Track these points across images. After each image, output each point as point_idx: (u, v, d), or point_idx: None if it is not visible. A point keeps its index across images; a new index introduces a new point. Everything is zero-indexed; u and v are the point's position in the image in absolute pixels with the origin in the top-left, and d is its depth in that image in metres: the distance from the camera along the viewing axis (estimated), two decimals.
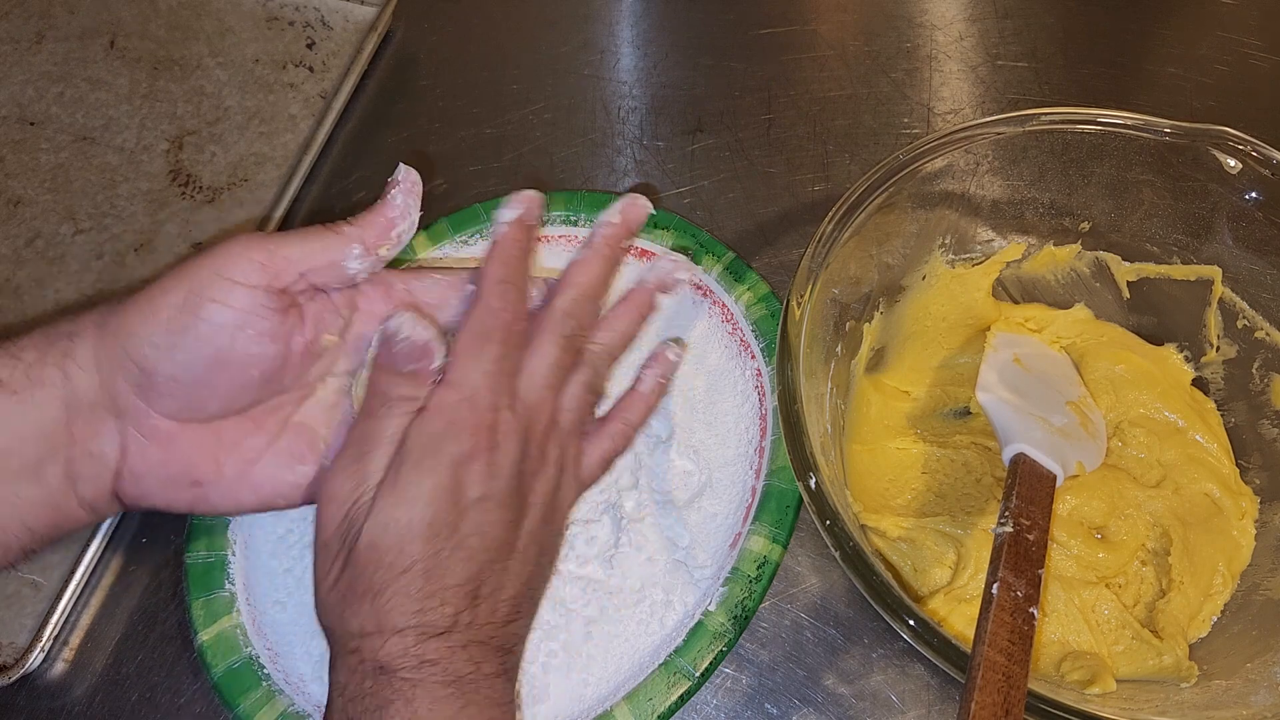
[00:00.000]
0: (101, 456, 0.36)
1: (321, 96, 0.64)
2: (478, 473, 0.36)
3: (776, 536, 0.44)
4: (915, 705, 0.44)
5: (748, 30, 0.67)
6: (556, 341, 0.40)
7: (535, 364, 0.39)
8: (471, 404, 0.37)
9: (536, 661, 0.43)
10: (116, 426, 0.36)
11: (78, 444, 0.36)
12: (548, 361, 0.40)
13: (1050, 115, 0.45)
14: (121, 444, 0.36)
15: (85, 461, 0.36)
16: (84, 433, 0.36)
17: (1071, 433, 0.46)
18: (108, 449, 0.36)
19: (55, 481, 0.36)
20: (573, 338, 0.41)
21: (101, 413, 0.36)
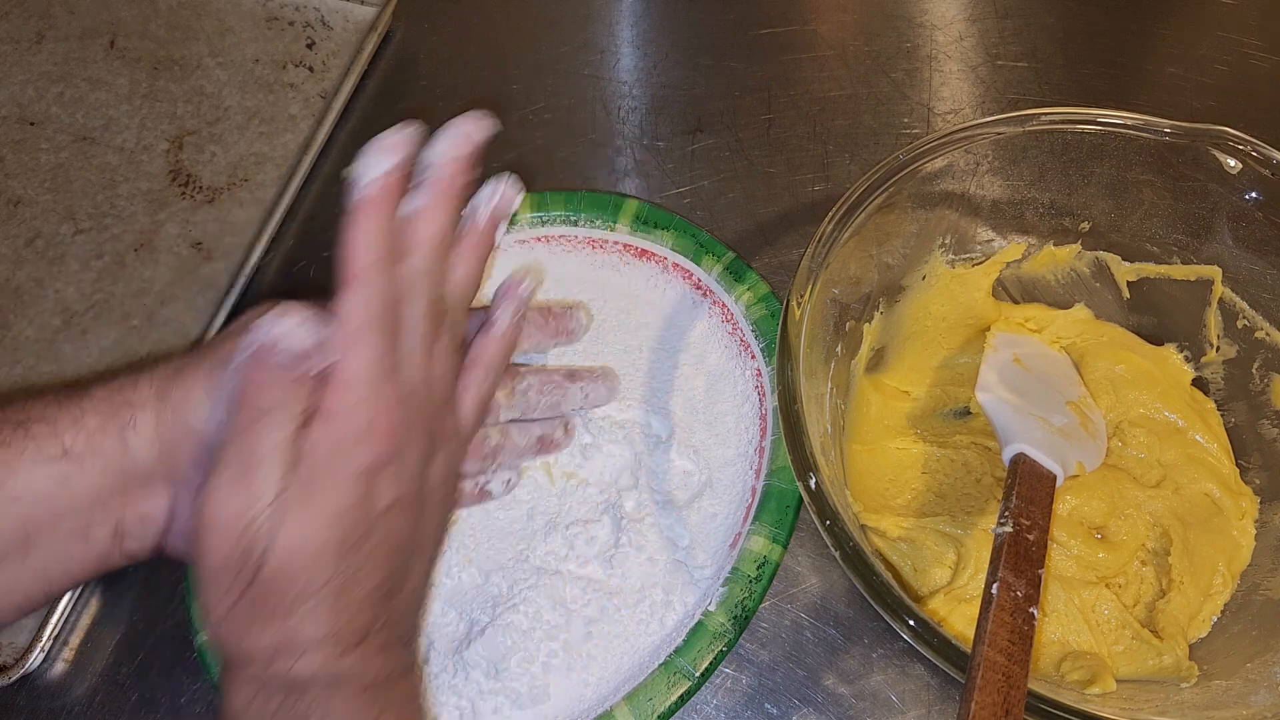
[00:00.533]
0: (152, 519, 0.36)
1: (321, 96, 0.64)
2: (387, 480, 0.34)
3: (776, 536, 0.44)
4: (915, 705, 0.44)
5: (748, 30, 0.67)
6: (421, 308, 0.37)
7: (410, 343, 0.36)
8: (368, 407, 0.34)
9: (537, 661, 0.43)
10: (169, 491, 0.36)
11: (130, 507, 0.36)
12: (417, 335, 0.36)
13: (1050, 115, 0.45)
14: (172, 507, 0.36)
15: (135, 522, 0.36)
16: (137, 497, 0.36)
17: (1071, 433, 0.46)
18: (158, 513, 0.36)
19: (103, 541, 0.36)
20: (435, 298, 0.37)
21: (156, 481, 0.36)
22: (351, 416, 0.33)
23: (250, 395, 0.33)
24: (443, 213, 0.38)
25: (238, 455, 0.33)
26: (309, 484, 0.32)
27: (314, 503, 0.32)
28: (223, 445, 0.33)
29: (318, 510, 0.32)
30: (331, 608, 0.33)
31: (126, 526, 0.36)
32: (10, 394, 0.38)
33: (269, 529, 0.32)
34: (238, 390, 0.33)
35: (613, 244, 0.54)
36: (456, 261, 0.39)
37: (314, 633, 0.32)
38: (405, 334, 0.36)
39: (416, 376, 0.36)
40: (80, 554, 0.36)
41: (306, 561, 0.32)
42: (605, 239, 0.54)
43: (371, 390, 0.34)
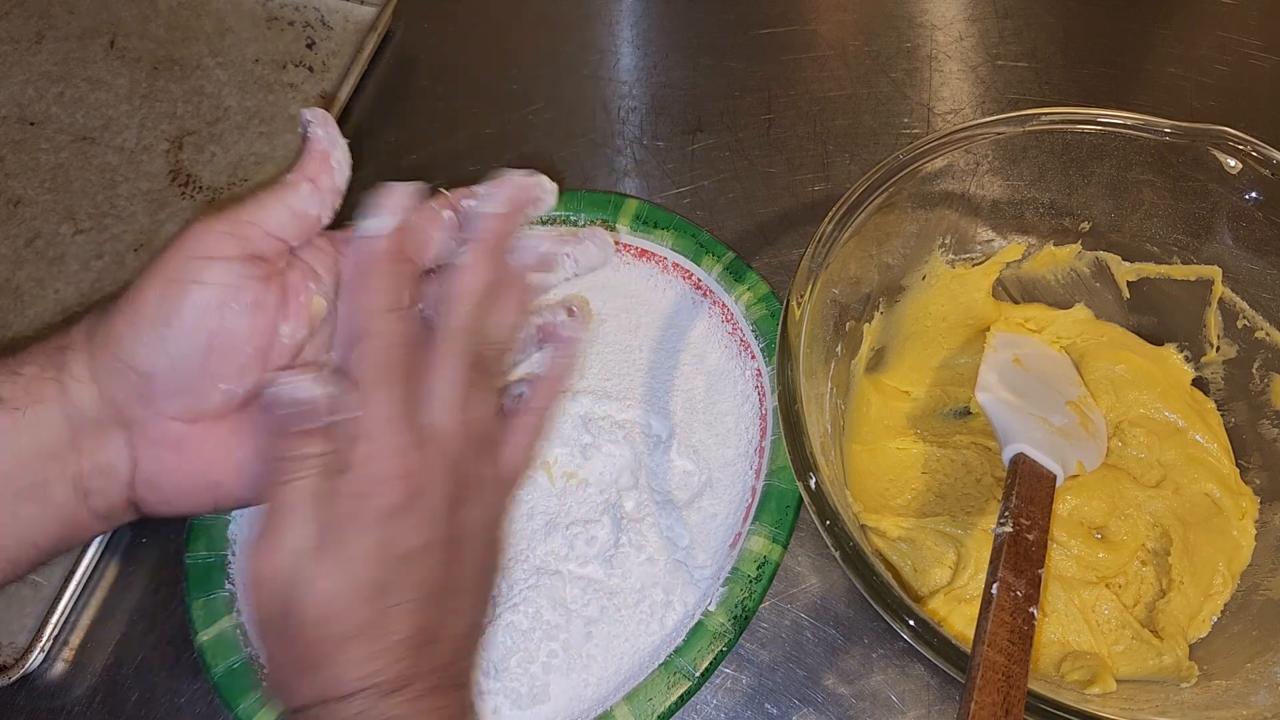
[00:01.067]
0: (112, 469, 0.35)
1: (321, 96, 0.64)
2: (410, 524, 0.34)
3: (776, 536, 0.44)
4: (915, 705, 0.44)
5: (748, 30, 0.67)
6: (459, 364, 0.37)
7: (442, 389, 0.36)
8: (386, 454, 0.34)
9: (537, 661, 0.43)
10: (124, 438, 0.35)
11: (85, 458, 0.35)
12: (454, 386, 0.37)
13: (1050, 115, 0.45)
14: (132, 455, 0.36)
15: (95, 476, 0.35)
16: (91, 447, 0.35)
17: (1071, 433, 0.46)
18: (117, 461, 0.35)
19: (62, 498, 0.35)
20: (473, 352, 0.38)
21: (107, 425, 0.35)
22: (369, 465, 0.34)
23: (275, 449, 0.34)
24: (485, 269, 0.38)
25: (271, 512, 0.34)
26: (334, 534, 0.33)
27: (339, 551, 0.33)
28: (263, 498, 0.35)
29: (343, 558, 0.33)
30: (367, 654, 0.33)
31: (87, 482, 0.35)
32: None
33: (300, 579, 0.33)
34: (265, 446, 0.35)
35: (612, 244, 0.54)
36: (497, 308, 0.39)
37: (353, 679, 0.33)
38: (438, 378, 0.36)
39: (445, 423, 0.36)
40: (39, 515, 0.35)
41: (338, 609, 0.33)
42: None
43: (388, 439, 0.35)
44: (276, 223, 0.36)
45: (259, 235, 0.36)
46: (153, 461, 0.36)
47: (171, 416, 0.36)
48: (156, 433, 0.36)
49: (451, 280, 0.38)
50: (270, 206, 0.36)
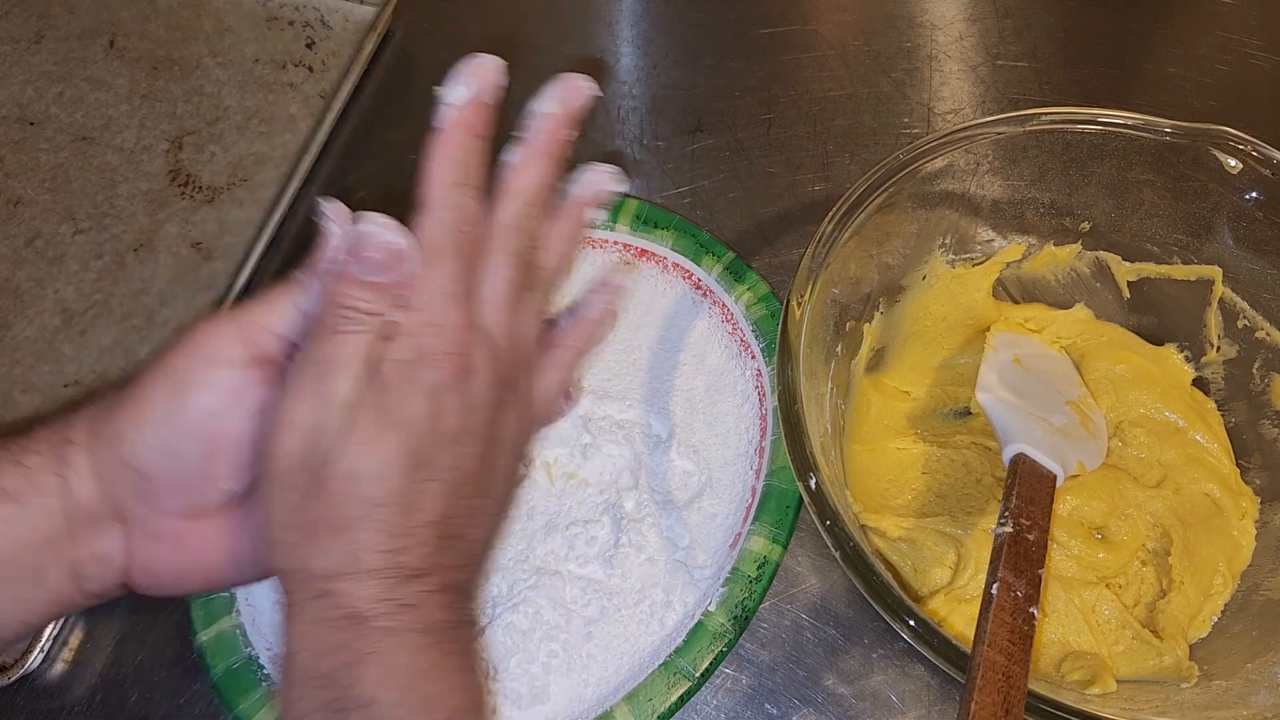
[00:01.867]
0: (108, 558, 0.35)
1: (321, 96, 0.64)
2: (453, 403, 0.34)
3: (776, 537, 0.44)
4: (915, 705, 0.44)
5: (748, 30, 0.67)
6: (508, 259, 0.36)
7: (491, 285, 0.36)
8: (438, 329, 0.34)
9: (537, 661, 0.43)
10: (121, 531, 0.35)
11: (81, 548, 0.35)
12: (503, 282, 0.36)
13: (1050, 115, 0.45)
14: (128, 546, 0.35)
15: (91, 564, 0.35)
16: (88, 538, 0.35)
17: (1072, 432, 0.46)
18: (113, 551, 0.35)
19: (57, 583, 0.35)
20: (524, 253, 0.37)
21: (105, 519, 0.35)
22: (421, 335, 0.34)
23: (339, 295, 0.33)
24: (538, 166, 0.38)
25: (319, 358, 0.33)
26: (379, 397, 0.33)
27: (382, 415, 0.32)
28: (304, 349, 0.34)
29: (385, 423, 0.32)
30: (392, 527, 0.32)
31: (83, 568, 0.35)
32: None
33: (338, 435, 0.32)
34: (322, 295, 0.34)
35: (613, 244, 0.54)
36: (550, 233, 0.40)
37: (374, 551, 0.32)
38: (489, 275, 0.36)
39: (492, 321, 0.36)
40: (33, 598, 0.34)
41: (371, 472, 0.32)
42: (605, 239, 0.54)
43: (442, 312, 0.34)
44: (284, 323, 0.36)
45: (266, 337, 0.36)
46: (149, 553, 0.35)
47: (170, 513, 0.35)
48: (154, 528, 0.35)
49: (503, 177, 0.38)
50: (279, 306, 0.36)
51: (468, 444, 0.35)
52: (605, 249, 0.54)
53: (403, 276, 0.34)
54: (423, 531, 0.33)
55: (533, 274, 0.38)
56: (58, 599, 0.35)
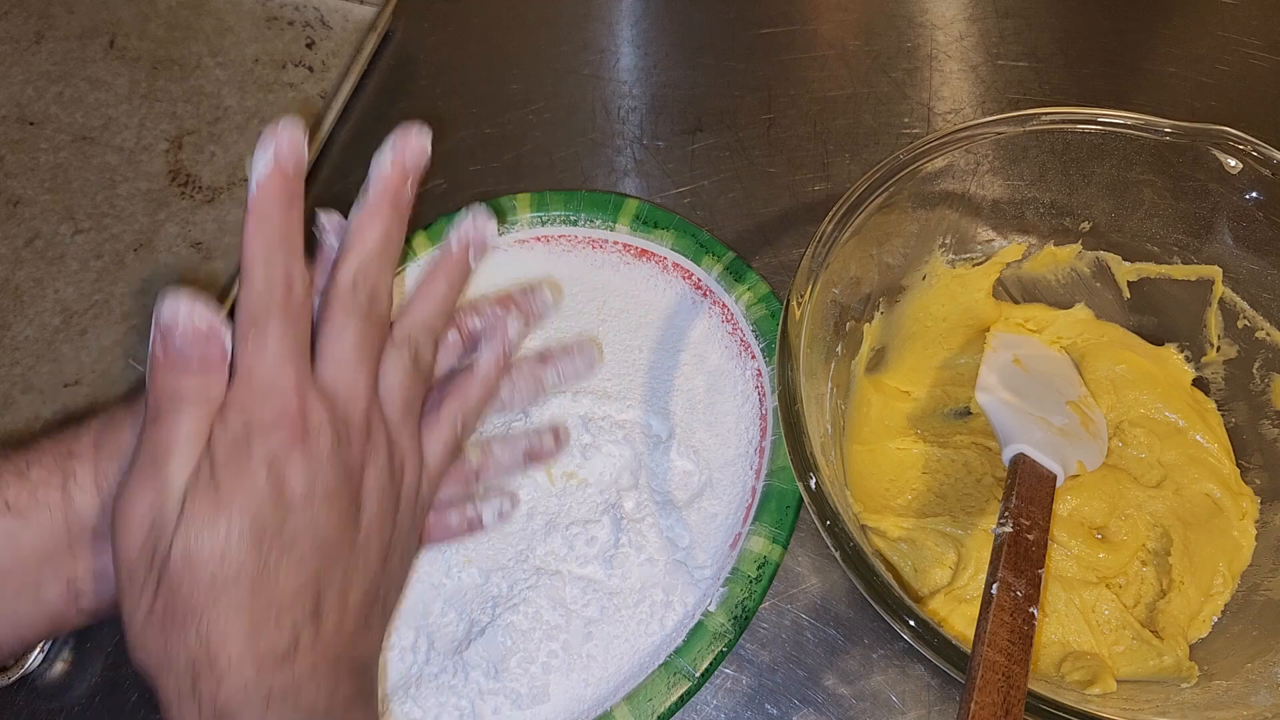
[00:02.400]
0: (106, 574, 0.34)
1: (321, 96, 0.64)
2: (296, 467, 0.33)
3: (777, 537, 0.44)
4: (915, 706, 0.44)
5: (748, 30, 0.67)
6: (351, 317, 0.36)
7: (334, 345, 0.35)
8: (266, 395, 0.33)
9: (537, 661, 0.43)
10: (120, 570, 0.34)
11: (81, 563, 0.34)
12: (348, 340, 0.35)
13: (1051, 115, 0.45)
14: None
15: (89, 579, 0.35)
16: (87, 553, 0.35)
17: (1072, 432, 0.46)
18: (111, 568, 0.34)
19: (55, 598, 0.34)
20: (370, 310, 0.36)
21: (104, 534, 0.34)
22: (249, 405, 0.33)
23: (162, 383, 0.33)
24: (379, 220, 0.37)
25: (152, 447, 0.32)
26: (214, 473, 0.32)
27: (219, 491, 0.31)
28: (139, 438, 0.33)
29: (223, 498, 0.31)
30: (248, 607, 0.31)
31: (80, 584, 0.35)
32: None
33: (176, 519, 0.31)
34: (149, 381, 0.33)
35: (613, 244, 0.54)
36: (424, 285, 0.40)
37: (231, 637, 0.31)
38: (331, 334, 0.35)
39: (336, 378, 0.35)
40: (31, 613, 0.34)
41: (213, 549, 0.31)
42: (605, 239, 0.54)
43: (271, 376, 0.33)
44: None
45: None
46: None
47: None
48: None
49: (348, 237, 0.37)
50: None
51: (320, 506, 0.33)
52: (605, 249, 0.54)
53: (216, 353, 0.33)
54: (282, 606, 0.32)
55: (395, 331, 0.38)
56: (54, 615, 0.35)
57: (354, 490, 0.35)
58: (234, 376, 0.33)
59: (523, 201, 0.55)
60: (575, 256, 0.54)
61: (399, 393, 0.38)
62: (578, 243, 0.54)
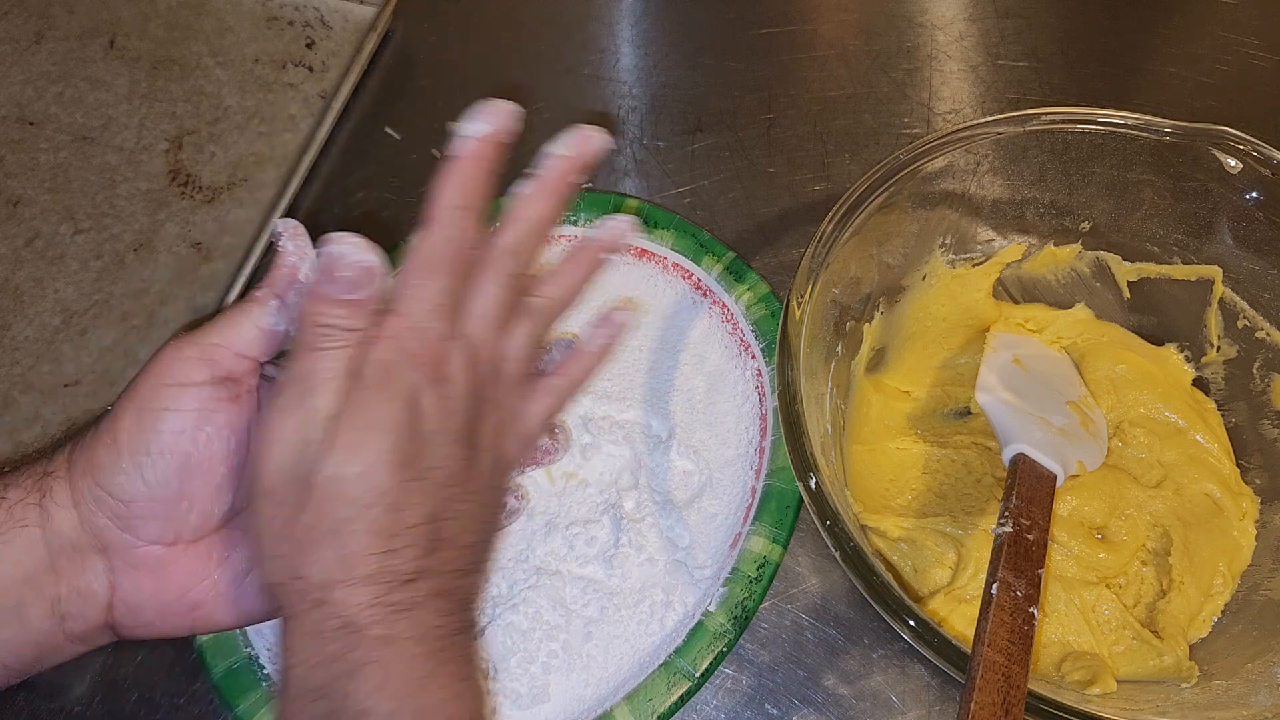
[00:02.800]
0: (91, 593, 0.35)
1: (321, 96, 0.64)
2: (432, 405, 0.34)
3: (776, 537, 0.44)
4: (915, 706, 0.44)
5: (748, 30, 0.67)
6: (500, 279, 0.38)
7: (480, 302, 0.37)
8: (419, 334, 0.35)
9: (537, 661, 0.43)
10: (104, 563, 0.35)
11: (64, 582, 0.35)
12: (493, 300, 0.38)
13: (1051, 115, 0.45)
14: (110, 579, 0.35)
15: (74, 600, 0.35)
16: (70, 571, 0.35)
17: (1072, 432, 0.46)
18: (96, 585, 0.35)
19: (39, 621, 0.34)
20: (517, 276, 0.39)
21: (86, 550, 0.35)
22: (399, 339, 0.34)
23: (315, 314, 0.34)
24: (543, 200, 0.40)
25: (301, 374, 0.34)
26: (360, 402, 0.33)
27: (363, 419, 0.33)
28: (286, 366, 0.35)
29: (366, 426, 0.33)
30: (382, 529, 0.32)
31: (65, 606, 0.35)
32: None
33: (322, 444, 0.33)
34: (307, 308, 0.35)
35: None
36: (563, 269, 0.41)
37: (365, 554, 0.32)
38: (480, 291, 0.37)
39: (477, 333, 0.37)
40: (15, 638, 0.34)
41: (356, 474, 0.32)
42: None
43: (426, 319, 0.35)
44: (245, 342, 0.37)
45: (228, 356, 0.37)
46: (131, 585, 0.36)
47: (150, 541, 0.36)
48: (135, 557, 0.35)
49: (512, 206, 0.39)
50: (239, 325, 0.37)
51: (449, 445, 0.35)
52: None
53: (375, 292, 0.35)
54: (412, 533, 0.33)
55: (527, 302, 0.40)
56: (40, 640, 0.35)
57: (474, 438, 0.36)
58: (391, 312, 0.35)
59: None
60: None
61: (520, 356, 0.39)
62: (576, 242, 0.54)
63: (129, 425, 0.35)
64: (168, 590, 0.36)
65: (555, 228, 0.41)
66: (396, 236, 0.54)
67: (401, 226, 0.56)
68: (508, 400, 0.39)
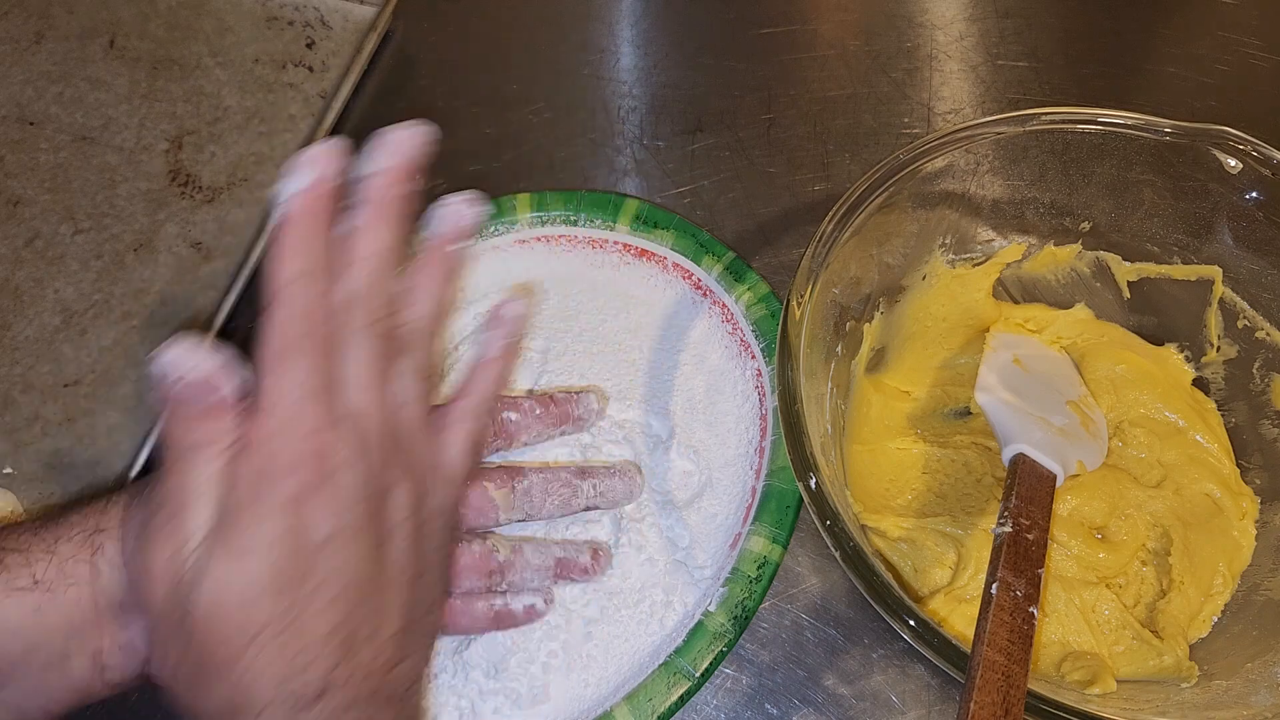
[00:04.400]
0: (132, 648, 0.34)
1: (321, 96, 0.64)
2: (321, 509, 0.32)
3: (776, 537, 0.44)
4: (915, 705, 0.44)
5: (748, 30, 0.67)
6: (364, 334, 0.34)
7: (351, 368, 0.34)
8: (290, 432, 0.32)
9: (536, 661, 0.43)
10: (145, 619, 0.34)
11: (107, 637, 0.34)
12: (362, 360, 0.34)
13: (1050, 115, 0.45)
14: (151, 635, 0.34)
15: (115, 653, 0.34)
16: (114, 627, 0.34)
17: (1072, 432, 0.46)
18: (138, 642, 0.34)
19: (81, 671, 0.34)
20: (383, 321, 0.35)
21: (131, 610, 0.34)
22: (272, 443, 0.31)
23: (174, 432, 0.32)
24: (379, 228, 0.35)
25: (169, 495, 0.32)
26: (234, 519, 0.31)
27: (239, 538, 0.31)
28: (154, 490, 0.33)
29: (243, 545, 0.30)
30: (277, 654, 0.30)
31: (106, 658, 0.34)
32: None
33: (199, 569, 0.31)
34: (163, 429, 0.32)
35: (613, 244, 0.54)
36: (415, 284, 0.38)
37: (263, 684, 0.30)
38: (347, 356, 0.34)
39: (359, 403, 0.34)
40: (58, 685, 0.34)
41: (239, 602, 0.30)
42: (605, 239, 0.54)
43: (295, 415, 0.32)
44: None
45: None
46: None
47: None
48: None
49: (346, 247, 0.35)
50: None
51: (346, 547, 0.32)
52: (605, 249, 0.54)
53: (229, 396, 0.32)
54: (315, 647, 0.31)
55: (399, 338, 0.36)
56: (80, 687, 0.35)
57: (379, 523, 0.34)
58: (257, 410, 0.32)
59: (523, 201, 0.55)
60: (575, 256, 0.54)
61: (410, 399, 0.36)
62: (578, 243, 0.54)
63: None
64: None
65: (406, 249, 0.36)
66: None
67: None
68: (417, 451, 0.36)
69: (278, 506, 0.31)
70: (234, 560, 0.30)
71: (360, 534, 0.33)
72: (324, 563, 0.32)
